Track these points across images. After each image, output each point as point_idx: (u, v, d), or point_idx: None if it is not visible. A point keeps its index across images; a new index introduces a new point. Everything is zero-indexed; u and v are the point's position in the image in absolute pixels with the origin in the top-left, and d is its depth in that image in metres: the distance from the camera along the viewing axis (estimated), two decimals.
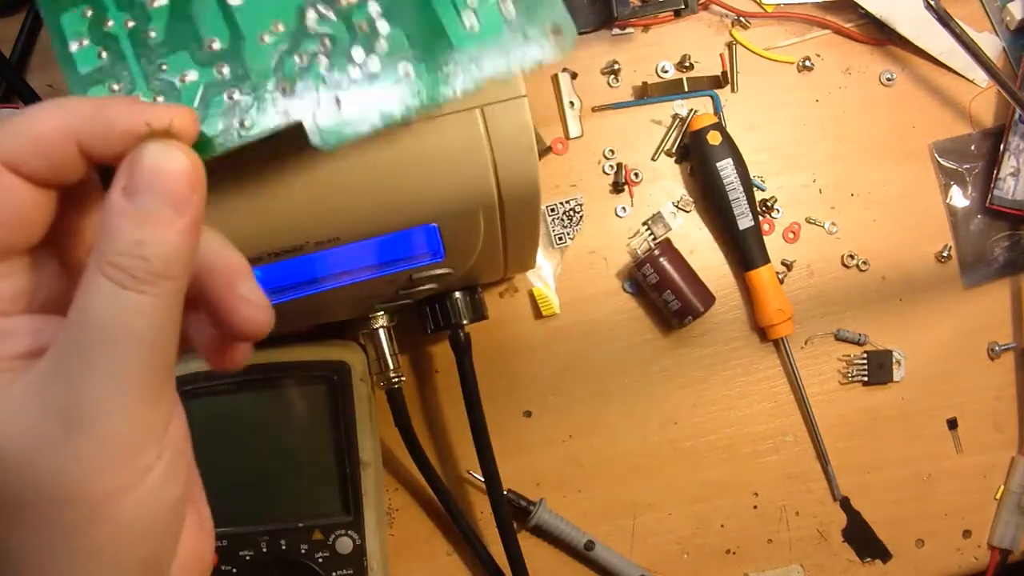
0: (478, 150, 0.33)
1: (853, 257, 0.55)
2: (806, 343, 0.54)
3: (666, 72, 0.55)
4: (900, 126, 0.56)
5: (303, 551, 0.47)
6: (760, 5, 0.55)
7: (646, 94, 0.55)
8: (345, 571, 0.47)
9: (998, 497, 0.54)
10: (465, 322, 0.47)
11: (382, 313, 0.48)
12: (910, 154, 0.55)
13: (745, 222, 0.52)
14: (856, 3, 0.55)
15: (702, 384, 0.54)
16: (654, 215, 0.54)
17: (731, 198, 0.52)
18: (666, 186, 0.55)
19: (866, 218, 0.55)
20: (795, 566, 0.53)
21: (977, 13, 0.56)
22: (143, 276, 0.21)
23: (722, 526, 0.53)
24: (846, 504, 0.53)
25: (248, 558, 0.46)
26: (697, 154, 0.53)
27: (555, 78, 0.55)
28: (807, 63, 0.55)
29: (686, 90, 0.55)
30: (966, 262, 0.55)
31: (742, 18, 0.55)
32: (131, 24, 0.26)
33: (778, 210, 0.55)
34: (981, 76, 0.56)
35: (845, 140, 0.55)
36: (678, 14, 0.53)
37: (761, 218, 0.54)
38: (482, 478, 0.48)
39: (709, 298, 0.52)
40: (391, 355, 0.48)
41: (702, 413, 0.54)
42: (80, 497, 0.21)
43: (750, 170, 0.53)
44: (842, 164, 0.55)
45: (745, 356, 0.54)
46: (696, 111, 0.54)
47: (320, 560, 0.47)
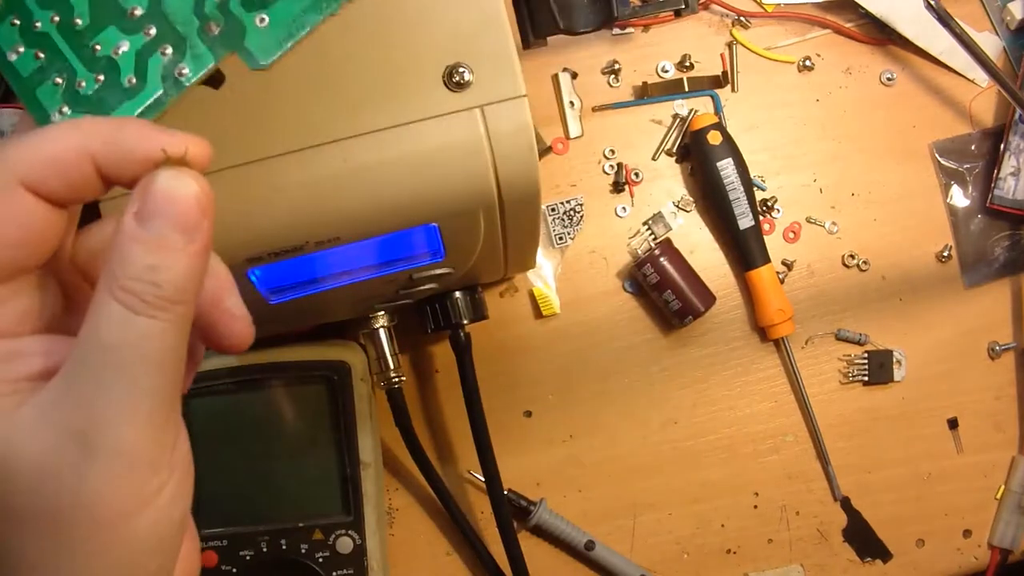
0: (478, 150, 0.33)
1: (853, 257, 0.55)
2: (806, 343, 0.54)
3: (666, 72, 0.55)
4: (900, 126, 0.56)
5: (303, 551, 0.47)
6: (760, 5, 0.55)
7: (646, 94, 0.54)
8: (345, 571, 0.47)
9: (998, 497, 0.54)
10: (465, 322, 0.47)
11: (382, 313, 0.48)
12: (910, 154, 0.55)
13: (745, 222, 0.52)
14: (856, 3, 0.55)
15: (702, 384, 0.54)
16: (654, 215, 0.54)
17: (731, 198, 0.52)
18: (666, 186, 0.55)
19: (866, 218, 0.55)
20: (795, 566, 0.53)
21: (977, 13, 0.56)
22: (154, 301, 0.22)
23: (722, 526, 0.53)
24: (846, 504, 0.53)
25: (248, 558, 0.46)
26: (697, 154, 0.53)
27: (555, 78, 0.55)
28: (807, 63, 0.55)
29: (686, 90, 0.55)
30: (966, 262, 0.55)
31: (742, 18, 0.55)
32: (57, 19, 0.27)
33: (778, 210, 0.55)
34: (981, 76, 0.56)
35: (845, 140, 0.55)
36: (678, 14, 0.53)
37: (761, 218, 0.54)
38: (482, 478, 0.48)
39: (709, 298, 0.52)
40: (391, 355, 0.48)
41: (702, 413, 0.54)
42: (96, 517, 0.22)
43: (750, 170, 0.53)
44: (842, 164, 0.55)
45: (745, 356, 0.54)
46: (696, 111, 0.54)
47: (320, 560, 0.47)
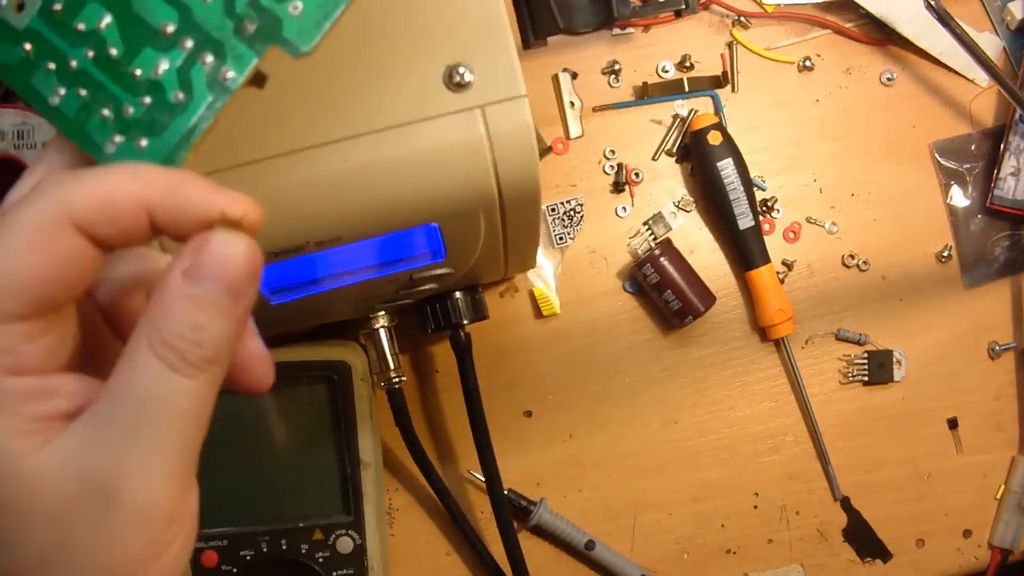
0: (478, 150, 0.33)
1: (853, 257, 0.55)
2: (806, 343, 0.54)
3: (666, 72, 0.55)
4: (900, 126, 0.56)
5: (303, 551, 0.47)
6: (760, 5, 0.55)
7: (646, 94, 0.55)
8: (345, 571, 0.47)
9: (998, 497, 0.54)
10: (465, 322, 0.47)
11: (383, 313, 0.48)
12: (910, 154, 0.55)
13: (745, 222, 0.52)
14: (856, 3, 0.55)
15: (702, 384, 0.54)
16: (654, 215, 0.54)
17: (731, 198, 0.52)
18: (666, 186, 0.55)
19: (866, 218, 0.55)
20: (795, 566, 0.53)
21: (977, 13, 0.56)
22: (195, 361, 0.22)
23: (722, 526, 0.53)
24: (846, 504, 0.53)
25: (248, 558, 0.46)
26: (697, 154, 0.53)
27: (555, 78, 0.55)
28: (807, 63, 0.55)
29: (686, 90, 0.55)
30: (966, 262, 0.55)
31: (742, 18, 0.55)
32: (91, 54, 0.27)
33: (778, 210, 0.55)
34: (981, 76, 0.56)
35: (845, 140, 0.55)
36: (678, 14, 0.53)
37: (761, 218, 0.54)
38: (482, 478, 0.48)
39: (710, 298, 0.52)
40: (391, 355, 0.48)
41: (702, 413, 0.54)
42: (109, 565, 0.22)
43: (750, 170, 0.53)
44: (842, 164, 0.55)
45: (745, 356, 0.54)
46: (696, 111, 0.54)
47: (320, 560, 0.47)
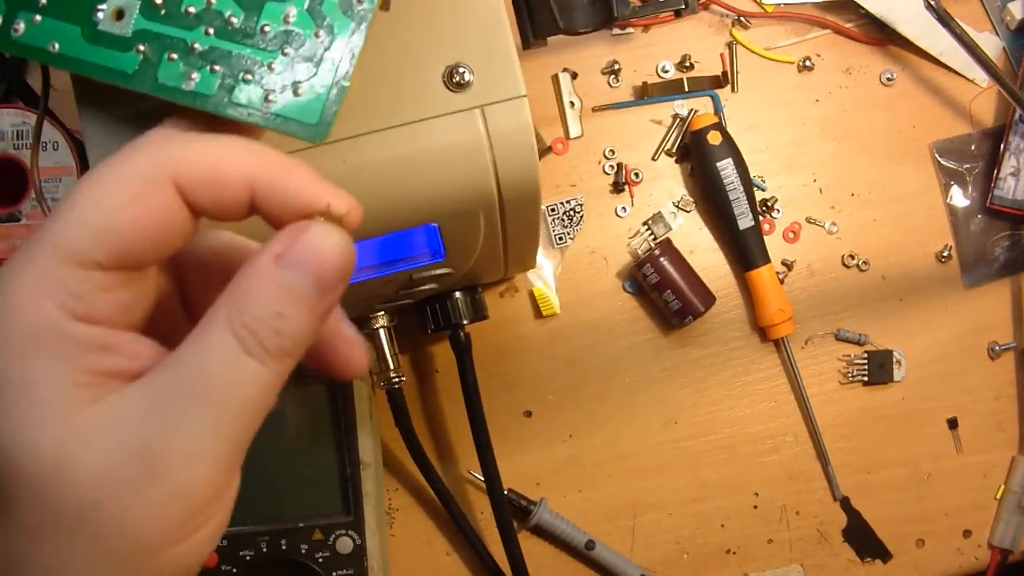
0: (478, 150, 0.33)
1: (853, 257, 0.55)
2: (806, 343, 0.54)
3: (666, 72, 0.55)
4: (900, 126, 0.56)
5: (303, 551, 0.47)
6: (760, 5, 0.55)
7: (646, 94, 0.54)
8: (345, 571, 0.47)
9: (998, 497, 0.54)
10: (465, 322, 0.47)
11: (382, 313, 0.48)
12: (910, 154, 0.55)
13: (745, 222, 0.52)
14: (856, 3, 0.55)
15: (702, 384, 0.54)
16: (654, 215, 0.54)
17: (731, 198, 0.52)
18: (666, 186, 0.55)
19: (866, 218, 0.55)
20: (795, 566, 0.53)
21: (977, 13, 0.56)
22: (272, 349, 0.21)
23: (722, 526, 0.53)
24: (846, 504, 0.53)
25: (248, 558, 0.46)
26: (697, 154, 0.53)
27: (555, 78, 0.55)
28: (807, 63, 0.55)
29: (686, 90, 0.55)
30: (966, 262, 0.55)
31: (742, 18, 0.55)
32: (211, 30, 0.26)
33: (778, 210, 0.55)
34: (981, 76, 0.56)
35: (845, 140, 0.55)
36: (678, 14, 0.53)
37: (761, 218, 0.54)
38: (482, 478, 0.48)
39: (709, 298, 0.52)
40: (391, 355, 0.48)
41: (702, 413, 0.54)
42: (137, 540, 0.21)
43: (750, 170, 0.53)
44: (842, 164, 0.55)
45: (745, 356, 0.54)
46: (696, 111, 0.54)
47: (320, 560, 0.47)
